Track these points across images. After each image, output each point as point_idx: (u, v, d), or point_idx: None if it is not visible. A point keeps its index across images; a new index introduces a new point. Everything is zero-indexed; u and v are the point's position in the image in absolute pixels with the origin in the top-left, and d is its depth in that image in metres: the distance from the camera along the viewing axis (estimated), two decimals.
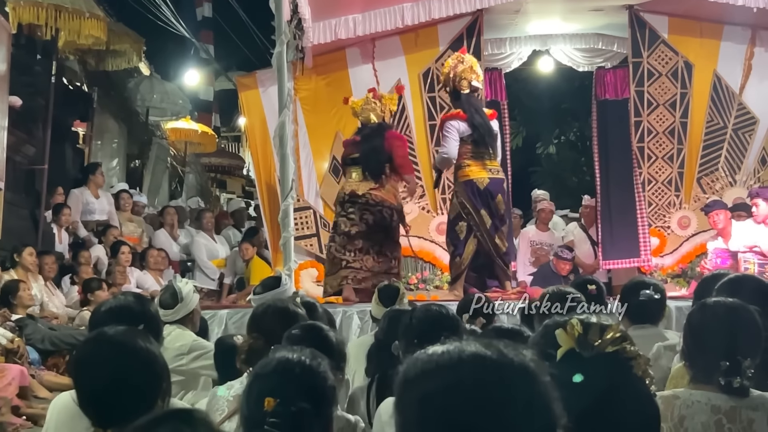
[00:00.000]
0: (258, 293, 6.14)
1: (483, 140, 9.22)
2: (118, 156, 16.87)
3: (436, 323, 4.16)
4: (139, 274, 11.65)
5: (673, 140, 11.92)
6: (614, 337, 2.07)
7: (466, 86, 9.44)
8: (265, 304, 4.58)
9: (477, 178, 9.18)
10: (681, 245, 11.95)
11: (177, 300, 5.72)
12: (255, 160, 12.07)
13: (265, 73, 11.50)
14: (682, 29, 12.09)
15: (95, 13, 11.85)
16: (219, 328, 8.85)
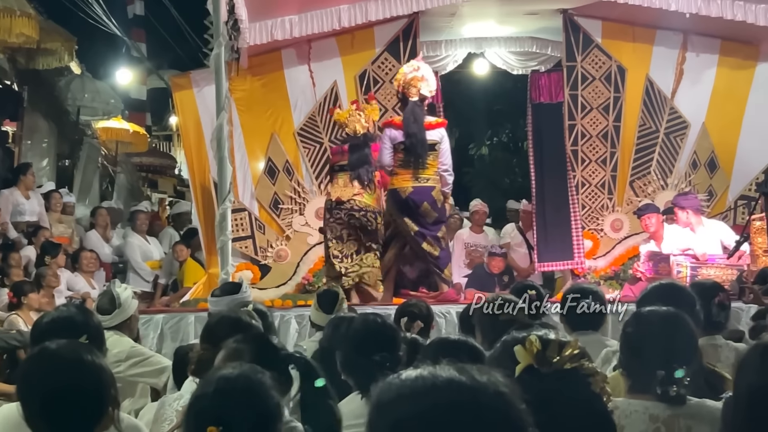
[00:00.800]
0: (216, 296, 6.08)
1: (414, 150, 9.35)
2: (49, 156, 16.60)
3: (374, 334, 4.15)
4: (69, 276, 11.47)
5: (606, 144, 12.05)
6: (572, 354, 2.08)
7: (414, 94, 9.59)
8: (219, 315, 4.54)
9: (400, 188, 9.43)
10: (614, 248, 12.07)
11: (115, 306, 5.66)
12: (189, 160, 11.96)
13: (200, 73, 11.42)
14: (616, 34, 12.22)
15: (26, 11, 11.67)
16: (154, 333, 8.79)
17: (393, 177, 9.48)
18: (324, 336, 5.27)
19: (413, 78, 9.56)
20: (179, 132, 14.60)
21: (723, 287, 5.34)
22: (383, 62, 11.82)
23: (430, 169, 9.52)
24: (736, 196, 12.26)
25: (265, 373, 2.84)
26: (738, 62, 12.39)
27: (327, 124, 11.64)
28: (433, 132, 9.59)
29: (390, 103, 11.72)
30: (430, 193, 9.46)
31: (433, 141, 9.57)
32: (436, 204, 9.52)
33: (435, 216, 9.55)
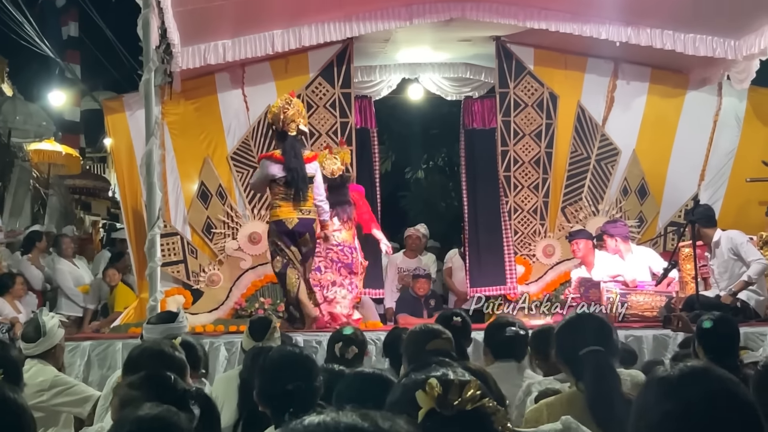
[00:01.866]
0: (152, 323, 6.01)
1: (295, 184, 9.58)
2: None
3: (289, 364, 4.13)
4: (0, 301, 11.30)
5: (538, 170, 12.15)
6: (474, 395, 2.08)
7: (293, 129, 9.71)
8: (142, 346, 4.48)
9: (286, 219, 9.61)
10: (546, 273, 12.15)
11: (40, 334, 5.58)
12: (121, 184, 11.85)
13: (133, 96, 11.34)
14: (548, 61, 12.35)
15: None
16: (81, 360, 8.66)
17: (277, 209, 9.67)
18: (243, 367, 5.24)
19: (294, 114, 9.73)
20: (112, 155, 14.44)
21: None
22: (317, 87, 11.84)
23: (310, 201, 9.77)
24: (665, 222, 12.42)
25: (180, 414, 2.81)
26: (668, 90, 12.59)
27: (261, 149, 11.61)
28: (310, 166, 9.81)
29: (324, 128, 11.76)
30: (311, 225, 9.77)
31: (310, 174, 9.79)
32: (314, 235, 9.85)
33: (310, 246, 9.86)
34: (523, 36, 11.92)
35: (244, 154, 11.64)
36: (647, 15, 11.03)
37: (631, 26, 11.18)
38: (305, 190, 9.63)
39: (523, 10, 11.13)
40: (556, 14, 11.13)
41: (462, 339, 5.48)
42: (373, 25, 11.14)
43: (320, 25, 11.05)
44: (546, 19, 11.16)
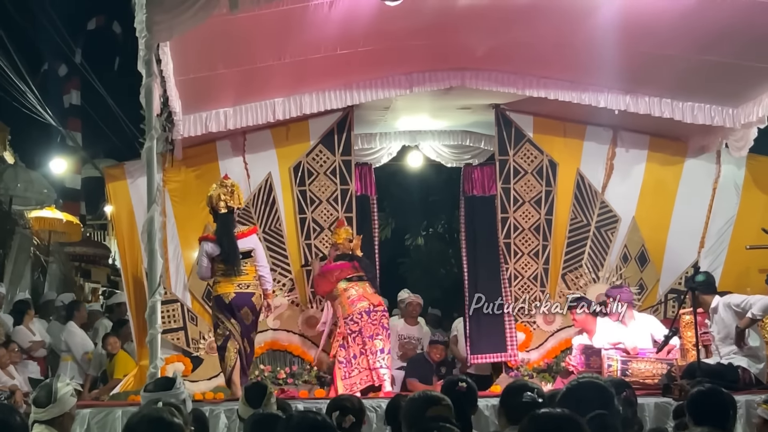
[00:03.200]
0: (149, 390, 5.98)
1: (229, 260, 9.92)
2: None
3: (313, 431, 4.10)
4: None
5: (538, 237, 12.16)
6: None
7: (222, 207, 10.13)
8: (140, 414, 4.45)
9: (224, 293, 9.94)
10: (546, 340, 12.09)
11: (51, 399, 5.53)
12: (121, 251, 11.83)
13: (134, 164, 11.37)
14: (547, 128, 12.42)
15: None
16: (81, 428, 8.61)
17: (216, 285, 10.05)
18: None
19: (220, 193, 10.17)
20: (113, 222, 14.47)
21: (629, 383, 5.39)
22: (318, 154, 11.89)
23: (249, 275, 10.05)
24: (666, 289, 12.40)
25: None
26: (667, 158, 12.65)
27: (261, 215, 11.66)
28: (247, 240, 10.19)
29: (324, 195, 11.81)
30: (250, 299, 9.99)
31: (247, 248, 10.13)
32: (255, 308, 10.05)
33: (252, 319, 10.06)
34: (523, 104, 11.99)
35: (245, 221, 11.64)
36: (646, 83, 11.10)
37: (630, 94, 11.25)
38: (238, 264, 9.95)
39: (523, 78, 11.21)
40: (556, 82, 11.21)
41: (467, 405, 5.44)
42: (374, 93, 11.21)
43: (321, 93, 11.12)
44: (545, 88, 11.24)
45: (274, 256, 11.66)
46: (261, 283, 10.13)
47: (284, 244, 11.75)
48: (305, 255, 11.76)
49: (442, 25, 9.70)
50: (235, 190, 10.31)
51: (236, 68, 10.03)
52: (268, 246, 11.62)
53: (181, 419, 4.39)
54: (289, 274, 11.71)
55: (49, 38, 21.64)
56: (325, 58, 10.07)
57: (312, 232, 11.80)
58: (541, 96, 11.31)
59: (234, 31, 9.09)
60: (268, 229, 11.72)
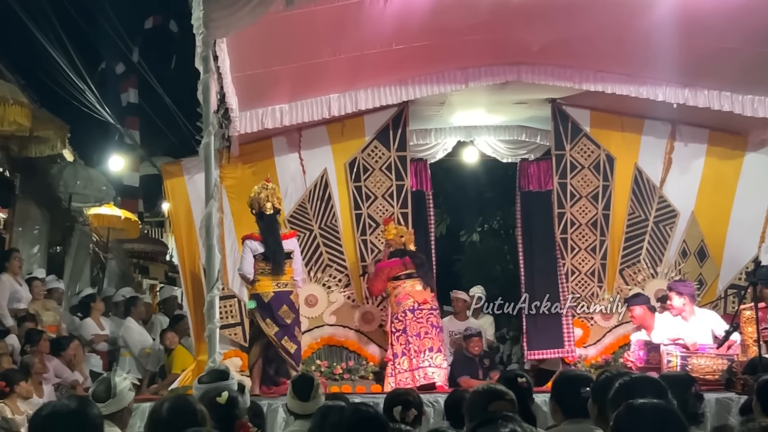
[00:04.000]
0: (203, 382, 6.03)
1: (274, 259, 10.09)
2: (40, 243, 16.56)
3: (365, 425, 4.11)
4: (56, 364, 11.36)
5: (595, 232, 12.08)
6: None
7: (269, 209, 10.31)
8: (165, 399, 4.50)
9: (263, 292, 10.14)
10: (604, 336, 12.03)
11: (110, 394, 5.56)
12: (179, 247, 11.93)
13: (191, 161, 11.46)
14: (604, 123, 12.34)
15: (19, 100, 11.75)
16: (141, 422, 8.65)
17: (256, 283, 10.19)
18: (313, 425, 5.20)
19: (266, 195, 10.34)
20: (170, 219, 14.59)
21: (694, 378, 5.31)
22: (373, 150, 11.91)
23: (288, 274, 10.25)
24: (726, 285, 12.27)
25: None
26: (726, 152, 12.51)
27: (317, 212, 11.69)
28: (289, 242, 10.40)
29: (380, 191, 11.81)
30: (288, 297, 10.17)
31: (288, 250, 10.32)
32: (293, 305, 10.20)
33: (293, 317, 10.19)
34: (579, 98, 11.93)
35: (300, 217, 11.71)
36: (705, 76, 10.97)
37: (689, 88, 11.14)
38: (282, 263, 10.12)
39: (579, 72, 11.14)
40: (613, 76, 11.12)
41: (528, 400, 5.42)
42: (429, 89, 11.20)
43: (376, 88, 11.13)
44: (602, 81, 11.16)
45: (329, 252, 11.71)
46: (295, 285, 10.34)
47: (340, 240, 11.77)
48: (361, 252, 11.77)
49: (498, 19, 9.66)
50: (277, 192, 10.50)
51: (292, 64, 10.07)
52: (324, 242, 11.68)
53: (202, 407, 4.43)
54: (345, 270, 11.74)
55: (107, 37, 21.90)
56: (381, 54, 10.07)
57: (367, 228, 11.80)
58: (598, 90, 11.25)
59: (290, 28, 9.13)
60: (323, 225, 11.75)
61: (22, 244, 15.02)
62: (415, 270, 10.93)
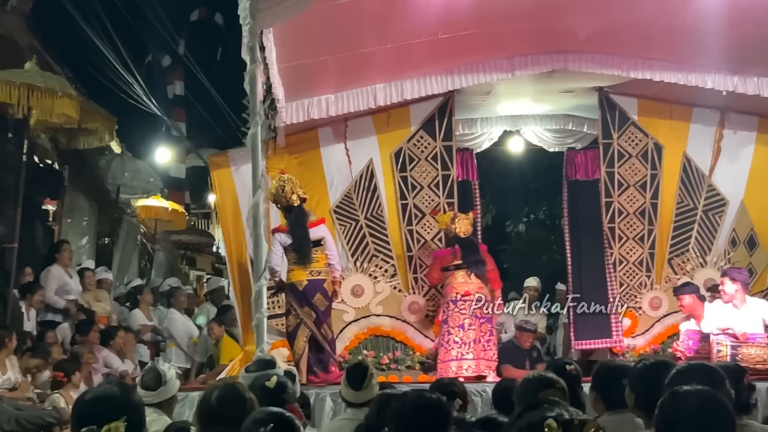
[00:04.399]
0: (250, 371, 6.07)
1: (301, 249, 10.10)
2: (89, 234, 16.76)
3: (428, 412, 4.10)
4: (106, 353, 11.49)
5: (643, 221, 11.99)
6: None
7: (296, 200, 10.29)
8: (214, 386, 4.53)
9: (297, 281, 10.15)
10: (653, 326, 11.94)
11: (160, 383, 5.65)
12: (226, 238, 11.98)
13: (238, 152, 11.49)
14: (652, 111, 12.24)
15: (67, 92, 11.83)
16: (190, 411, 8.71)
17: (290, 273, 10.21)
18: (369, 413, 5.21)
19: (290, 188, 10.32)
20: (217, 210, 14.67)
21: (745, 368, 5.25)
22: (419, 140, 11.88)
23: (320, 262, 10.20)
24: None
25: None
26: None
27: (363, 202, 11.69)
28: (317, 229, 10.34)
29: (425, 181, 11.78)
30: (322, 285, 10.16)
31: (317, 237, 10.27)
32: (327, 294, 10.18)
33: (327, 304, 10.20)
34: (627, 86, 11.82)
35: (346, 208, 11.72)
36: (754, 63, 10.84)
37: (738, 75, 11.01)
38: (309, 253, 10.12)
39: (627, 60, 11.05)
40: (661, 64, 11.02)
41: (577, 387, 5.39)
42: (475, 78, 11.16)
43: (422, 78, 11.10)
44: (650, 69, 11.06)
45: (376, 242, 11.71)
46: (331, 270, 10.29)
47: (386, 230, 11.76)
48: (407, 242, 11.75)
49: (544, 7, 9.62)
50: (296, 181, 10.47)
51: (338, 54, 10.07)
52: (370, 232, 11.68)
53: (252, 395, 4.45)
54: (391, 260, 11.73)
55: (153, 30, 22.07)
56: (427, 43, 10.05)
57: (414, 218, 11.79)
58: (645, 78, 11.15)
59: (336, 17, 9.14)
60: (369, 215, 11.74)
61: (71, 236, 15.19)
62: (462, 260, 10.89)
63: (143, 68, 21.83)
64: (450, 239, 11.06)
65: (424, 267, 11.64)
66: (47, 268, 12.28)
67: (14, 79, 11.57)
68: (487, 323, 10.74)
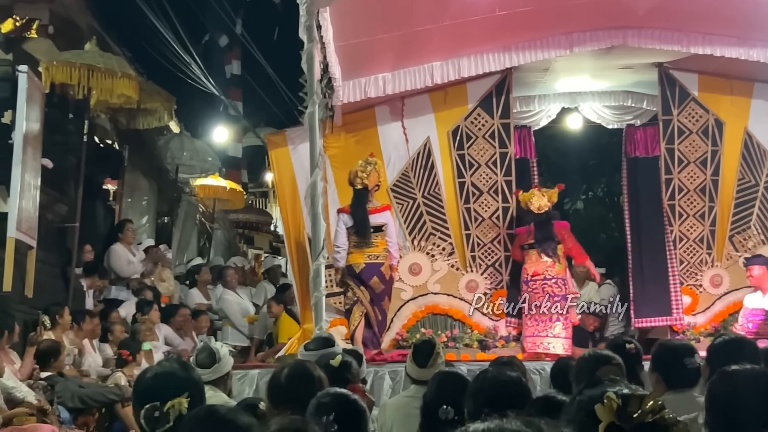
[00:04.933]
0: (310, 350, 6.11)
1: (360, 232, 10.29)
2: (148, 213, 16.93)
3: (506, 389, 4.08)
4: (167, 331, 11.63)
5: (704, 198, 11.86)
6: (653, 407, 2.04)
7: (358, 184, 10.42)
8: (284, 366, 4.56)
9: (354, 263, 10.35)
10: (713, 303, 11.82)
11: (214, 360, 5.70)
12: (284, 217, 12.04)
13: (295, 131, 11.54)
14: (713, 87, 12.09)
15: (127, 73, 11.96)
16: (250, 389, 8.84)
17: (349, 255, 10.39)
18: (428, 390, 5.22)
19: (356, 171, 10.45)
20: (274, 189, 14.74)
21: None
22: (476, 118, 11.83)
23: (379, 247, 10.38)
24: None
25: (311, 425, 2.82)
26: None
27: (420, 180, 11.68)
28: (380, 215, 10.46)
29: (483, 159, 11.74)
30: (379, 269, 10.33)
31: (379, 223, 10.40)
32: (384, 277, 10.34)
33: (382, 288, 10.37)
34: (687, 62, 11.69)
35: (404, 186, 11.71)
36: None
37: None
38: (369, 237, 10.28)
39: (687, 35, 10.93)
40: (721, 39, 10.89)
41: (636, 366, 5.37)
42: (533, 55, 11.12)
43: (479, 56, 11.08)
44: (710, 44, 10.94)
45: (433, 220, 11.69)
46: (389, 256, 10.41)
47: (443, 208, 11.74)
48: (465, 220, 11.73)
49: None
50: (376, 168, 10.52)
51: (395, 33, 10.07)
52: (428, 210, 11.67)
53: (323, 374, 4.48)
54: (449, 239, 11.71)
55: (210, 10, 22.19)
56: (484, 20, 10.02)
57: (471, 196, 11.75)
58: (706, 53, 11.04)
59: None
60: (427, 193, 11.73)
61: (131, 215, 15.35)
62: (534, 240, 10.98)
63: (201, 48, 21.98)
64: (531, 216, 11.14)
65: (481, 245, 11.64)
66: (111, 246, 12.45)
67: (74, 60, 11.72)
68: (562, 301, 10.82)
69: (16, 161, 9.83)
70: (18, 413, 8.06)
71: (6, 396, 8.19)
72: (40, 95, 10.77)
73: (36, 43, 13.14)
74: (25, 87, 10.06)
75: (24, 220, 9.94)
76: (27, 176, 10.07)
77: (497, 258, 11.66)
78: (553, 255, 10.87)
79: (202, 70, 19.43)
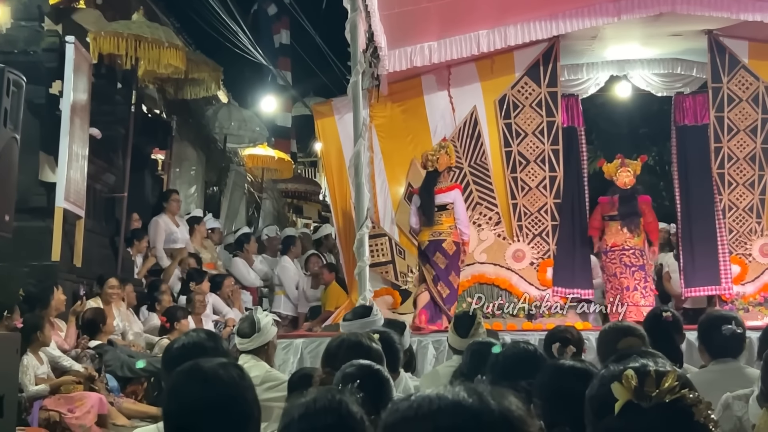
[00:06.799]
0: (348, 320, 6.15)
1: (424, 212, 10.52)
2: (197, 183, 17.04)
3: (522, 362, 4.11)
4: (215, 300, 11.73)
5: (754, 167, 11.71)
6: (672, 386, 2.01)
7: (429, 166, 10.63)
8: (339, 338, 4.59)
9: (421, 241, 10.64)
10: (763, 273, 11.68)
11: (254, 330, 5.73)
12: (331, 187, 12.08)
13: (341, 100, 11.54)
14: (763, 54, 11.90)
15: (174, 43, 12.01)
16: (294, 358, 8.90)
17: (419, 233, 10.67)
18: (462, 362, 5.25)
19: (428, 154, 10.72)
20: (322, 158, 14.78)
21: None
22: (523, 87, 11.76)
23: (444, 224, 10.51)
24: None
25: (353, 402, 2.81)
26: None
27: (467, 149, 11.65)
28: (446, 195, 10.57)
29: (530, 128, 11.69)
30: (441, 245, 10.48)
31: (444, 203, 10.54)
32: (447, 253, 10.46)
33: (446, 263, 10.46)
34: (737, 29, 11.52)
35: None
36: None
37: None
38: (432, 216, 10.47)
39: (737, 2, 10.79)
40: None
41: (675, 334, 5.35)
42: (580, 23, 11.03)
43: (526, 24, 11.02)
44: (761, 11, 10.78)
45: (480, 190, 11.67)
46: (454, 233, 10.49)
47: (490, 177, 11.71)
48: (511, 190, 11.70)
49: None
50: (447, 152, 10.63)
51: (440, 1, 10.01)
52: (474, 180, 11.65)
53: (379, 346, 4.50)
54: (496, 208, 11.69)
55: None
56: None
57: (518, 166, 11.71)
58: (756, 20, 10.89)
59: None
60: (473, 163, 11.70)
61: (179, 185, 15.47)
62: (617, 212, 11.18)
63: (249, 17, 22.00)
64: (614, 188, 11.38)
65: (528, 215, 11.61)
66: (154, 218, 12.54)
67: (122, 30, 11.81)
68: (639, 271, 11.01)
69: (64, 132, 9.94)
70: (65, 381, 8.21)
71: (53, 364, 8.34)
72: (87, 66, 10.86)
73: (84, 13, 13.26)
74: (72, 57, 10.15)
75: (72, 191, 10.07)
76: (75, 146, 10.18)
77: (544, 227, 11.63)
78: (636, 229, 11.08)
79: (251, 40, 19.44)
